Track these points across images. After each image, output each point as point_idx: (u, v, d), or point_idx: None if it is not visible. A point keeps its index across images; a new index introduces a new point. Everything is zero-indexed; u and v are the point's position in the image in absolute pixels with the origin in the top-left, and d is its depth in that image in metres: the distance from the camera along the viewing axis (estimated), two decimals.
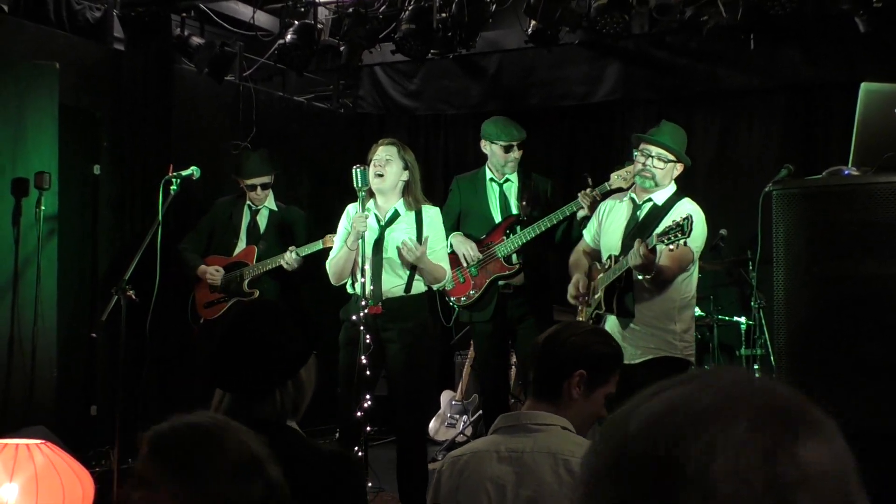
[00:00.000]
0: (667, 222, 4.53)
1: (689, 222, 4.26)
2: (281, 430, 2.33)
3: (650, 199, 4.83)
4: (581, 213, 5.43)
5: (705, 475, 0.80)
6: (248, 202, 6.23)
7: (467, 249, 5.69)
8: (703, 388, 0.86)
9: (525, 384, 6.10)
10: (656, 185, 4.79)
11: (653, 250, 4.43)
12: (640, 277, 4.57)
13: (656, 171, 4.77)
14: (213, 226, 6.31)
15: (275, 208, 6.29)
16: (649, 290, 4.69)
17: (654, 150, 4.79)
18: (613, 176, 5.32)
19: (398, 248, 5.10)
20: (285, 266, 5.96)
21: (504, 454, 2.56)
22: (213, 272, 6.10)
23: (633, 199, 4.88)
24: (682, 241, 4.30)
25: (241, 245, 6.20)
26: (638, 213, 4.84)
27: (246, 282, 6.08)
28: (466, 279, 5.72)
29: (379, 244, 5.17)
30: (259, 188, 6.17)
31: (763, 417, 0.83)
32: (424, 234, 5.20)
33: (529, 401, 2.68)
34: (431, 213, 5.30)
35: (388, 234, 5.21)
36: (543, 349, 2.67)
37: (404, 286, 5.18)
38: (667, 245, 4.34)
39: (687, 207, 4.74)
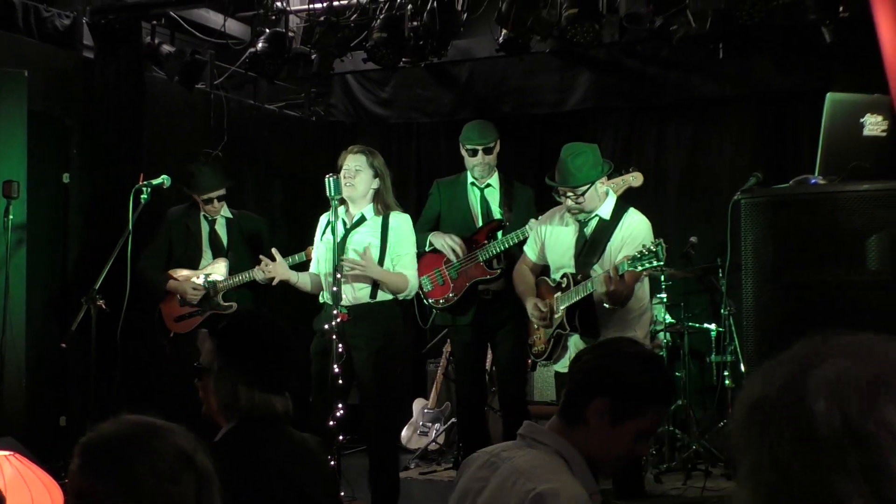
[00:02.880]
0: (633, 245, 4.62)
1: (662, 249, 4.30)
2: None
3: (596, 215, 4.90)
4: None
5: None
6: (203, 213, 6.13)
7: (451, 242, 5.61)
8: (852, 360, 0.92)
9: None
10: (591, 211, 4.87)
11: (622, 277, 4.46)
12: (606, 306, 4.62)
13: (583, 203, 4.83)
14: (170, 238, 6.15)
15: (230, 216, 6.19)
16: (614, 309, 4.76)
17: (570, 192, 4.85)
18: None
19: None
20: (259, 280, 5.88)
21: (490, 460, 2.34)
22: (192, 290, 5.95)
23: (576, 217, 4.94)
24: (657, 266, 4.34)
25: (208, 257, 6.08)
26: (586, 229, 4.91)
27: (220, 295, 6.00)
28: (446, 281, 5.67)
29: (342, 248, 5.15)
30: (215, 201, 6.07)
31: None
32: (389, 239, 5.20)
33: (554, 416, 2.40)
34: (398, 219, 5.28)
35: (351, 237, 5.21)
36: (573, 366, 2.42)
37: (369, 292, 5.18)
38: (638, 269, 4.40)
39: (635, 219, 4.87)
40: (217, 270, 6.05)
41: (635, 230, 4.83)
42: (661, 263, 4.34)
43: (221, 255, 6.06)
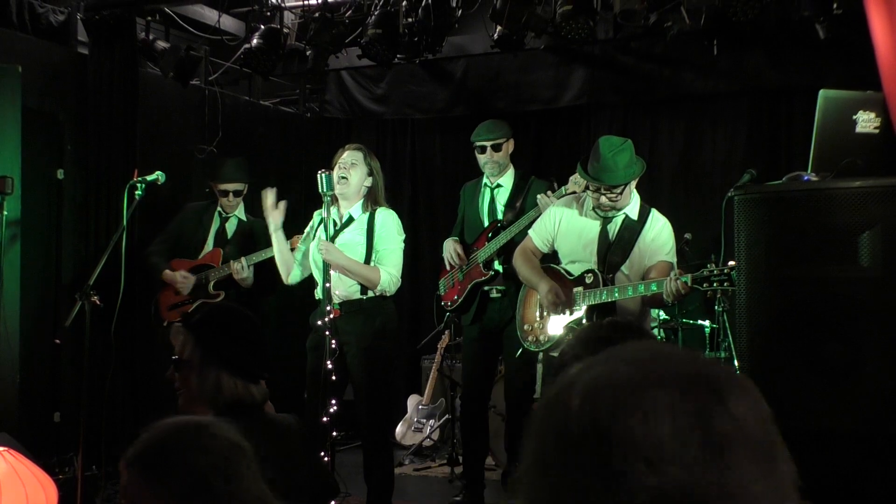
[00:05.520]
0: (664, 250, 4.63)
1: (735, 273, 4.21)
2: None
3: (624, 213, 4.71)
4: None
5: (647, 441, 0.85)
6: (219, 208, 6.27)
7: (450, 253, 5.74)
8: (625, 363, 0.92)
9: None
10: (621, 209, 4.70)
11: (683, 285, 4.38)
12: (669, 304, 4.57)
13: (617, 201, 4.65)
14: (181, 229, 6.31)
15: (244, 218, 6.31)
16: (633, 309, 4.70)
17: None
18: (571, 180, 5.29)
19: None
20: (234, 274, 5.94)
21: None
22: (181, 279, 6.08)
23: (597, 212, 4.75)
24: (729, 290, 4.27)
25: (209, 249, 6.21)
26: (610, 226, 4.72)
27: (211, 284, 6.09)
28: (455, 283, 5.75)
29: None
30: (231, 195, 6.21)
31: (689, 383, 0.89)
32: (374, 236, 5.20)
33: None
34: (383, 215, 5.26)
35: (339, 236, 5.21)
36: None
37: (359, 288, 5.18)
38: (705, 289, 4.34)
39: (661, 221, 4.74)
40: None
41: (665, 233, 4.72)
42: (734, 288, 4.19)
43: (220, 247, 6.18)
